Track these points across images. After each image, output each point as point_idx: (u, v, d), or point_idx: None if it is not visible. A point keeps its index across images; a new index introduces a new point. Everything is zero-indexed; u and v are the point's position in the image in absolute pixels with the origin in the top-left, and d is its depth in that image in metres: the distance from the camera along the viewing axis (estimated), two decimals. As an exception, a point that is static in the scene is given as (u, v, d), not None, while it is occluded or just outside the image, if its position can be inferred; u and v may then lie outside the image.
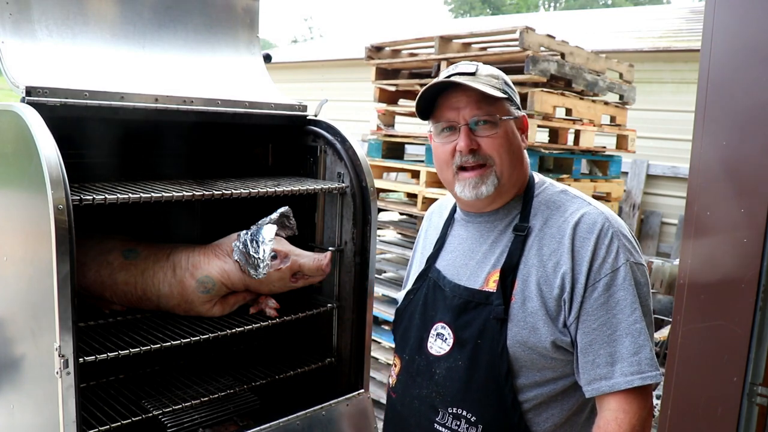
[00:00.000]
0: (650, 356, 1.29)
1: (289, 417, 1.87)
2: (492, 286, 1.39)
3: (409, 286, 1.62)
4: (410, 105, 4.63)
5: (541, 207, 1.43)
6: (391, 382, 1.60)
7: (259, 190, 1.84)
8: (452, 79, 1.39)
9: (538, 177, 1.51)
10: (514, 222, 1.44)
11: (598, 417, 1.34)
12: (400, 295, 1.65)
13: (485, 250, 1.46)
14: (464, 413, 1.38)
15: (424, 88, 1.41)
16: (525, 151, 1.50)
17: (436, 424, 1.42)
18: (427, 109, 1.46)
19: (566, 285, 1.33)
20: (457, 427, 1.39)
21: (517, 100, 1.46)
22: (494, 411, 1.36)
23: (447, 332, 1.43)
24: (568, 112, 4.25)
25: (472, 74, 1.39)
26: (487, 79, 1.40)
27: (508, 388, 1.35)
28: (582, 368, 1.33)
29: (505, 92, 1.41)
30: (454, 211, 1.61)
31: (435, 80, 1.41)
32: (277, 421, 1.84)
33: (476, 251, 1.48)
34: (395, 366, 1.57)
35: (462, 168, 1.41)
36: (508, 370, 1.34)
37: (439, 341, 1.44)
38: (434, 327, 1.46)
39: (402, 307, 1.60)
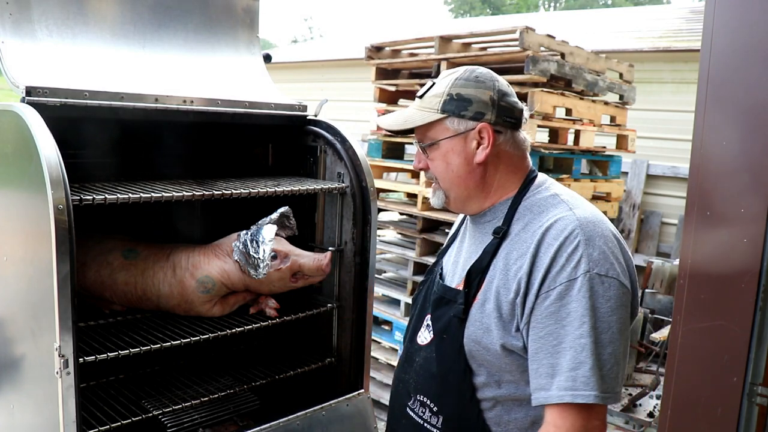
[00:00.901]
0: (588, 374, 1.22)
1: (289, 417, 1.87)
2: (461, 286, 1.44)
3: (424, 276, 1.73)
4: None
5: (526, 211, 1.42)
6: (396, 365, 1.70)
7: (259, 190, 1.84)
8: (378, 121, 1.56)
9: (540, 178, 1.49)
10: (497, 225, 1.45)
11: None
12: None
13: (471, 250, 1.49)
14: (428, 402, 1.46)
15: (383, 122, 1.55)
16: (527, 153, 1.49)
17: (407, 408, 1.52)
18: None
19: (521, 289, 1.32)
20: (422, 414, 1.47)
21: (474, 110, 1.39)
22: (453, 404, 1.41)
23: (431, 324, 1.51)
24: (568, 112, 4.25)
25: (420, 97, 1.46)
26: (429, 101, 1.43)
27: (466, 385, 1.39)
28: (530, 375, 1.32)
29: (444, 111, 1.40)
30: None
31: (379, 121, 1.57)
32: (277, 421, 1.84)
33: (465, 251, 1.52)
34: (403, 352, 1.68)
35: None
36: (465, 367, 1.39)
37: (426, 332, 1.51)
38: (425, 318, 1.53)
39: (414, 297, 1.69)
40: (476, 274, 1.41)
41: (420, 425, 1.47)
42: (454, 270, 1.53)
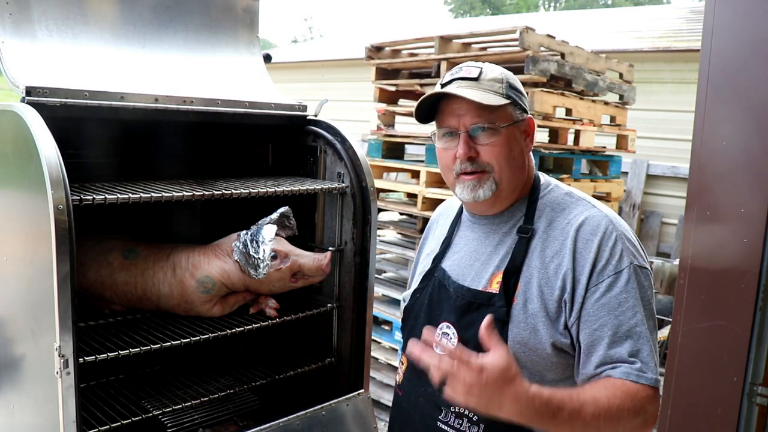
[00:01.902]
0: (648, 359, 1.28)
1: (289, 417, 1.87)
2: (495, 288, 1.40)
3: (415, 285, 1.63)
4: (410, 105, 4.63)
5: (546, 209, 1.43)
6: (398, 380, 1.61)
7: (259, 190, 1.84)
8: (451, 89, 1.39)
9: (543, 178, 1.50)
10: (519, 224, 1.44)
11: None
12: (405, 295, 1.66)
13: (489, 251, 1.46)
14: (466, 412, 1.38)
15: (424, 96, 1.42)
16: (531, 154, 1.50)
17: (439, 422, 1.42)
18: (429, 112, 1.47)
19: (567, 286, 1.33)
20: (459, 426, 1.39)
21: (524, 101, 1.45)
22: None
23: (452, 332, 1.44)
24: (568, 112, 4.25)
25: (475, 79, 1.39)
26: (490, 84, 1.39)
27: None
28: (582, 368, 1.33)
29: (509, 96, 1.39)
30: (461, 212, 1.62)
31: (435, 91, 1.42)
32: (277, 421, 1.84)
33: (481, 252, 1.48)
34: (402, 364, 1.58)
35: (463, 173, 1.42)
36: None
37: (444, 340, 1.44)
38: (440, 326, 1.46)
39: (409, 306, 1.61)
40: (512, 275, 1.39)
41: None
42: (465, 273, 1.48)
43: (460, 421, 1.39)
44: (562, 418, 1.19)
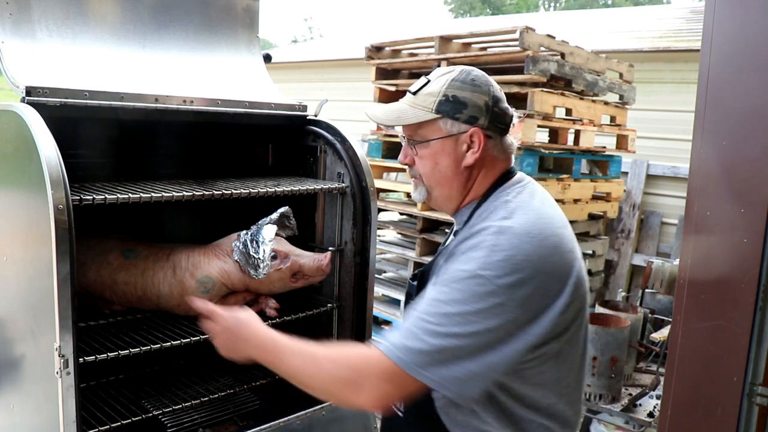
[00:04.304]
0: (408, 342, 1.21)
1: (289, 417, 1.87)
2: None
3: None
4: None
5: (479, 215, 1.42)
6: None
7: (259, 190, 1.84)
8: (369, 113, 1.51)
9: (514, 182, 1.45)
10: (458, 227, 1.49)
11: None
12: None
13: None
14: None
15: (372, 113, 1.53)
16: (494, 158, 1.44)
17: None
18: None
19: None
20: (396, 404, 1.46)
21: (469, 114, 1.39)
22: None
23: None
24: (568, 112, 4.25)
25: (414, 93, 1.45)
26: (423, 99, 1.42)
27: None
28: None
29: (439, 111, 1.39)
30: None
31: (368, 113, 1.53)
32: (277, 421, 1.84)
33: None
34: None
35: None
36: None
37: None
38: None
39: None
40: (420, 274, 1.47)
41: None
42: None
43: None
44: (273, 352, 1.39)
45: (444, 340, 1.20)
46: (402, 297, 4.24)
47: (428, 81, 1.44)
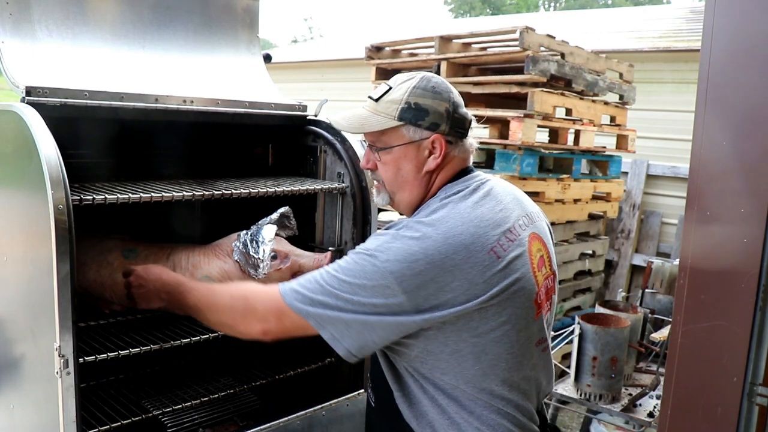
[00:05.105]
0: (300, 286, 1.36)
1: (289, 417, 1.87)
2: None
3: None
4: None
5: (418, 210, 1.50)
6: None
7: (259, 190, 1.84)
8: (332, 119, 1.55)
9: (461, 187, 1.45)
10: None
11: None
12: None
13: None
14: (369, 383, 1.60)
15: (335, 119, 1.57)
16: (453, 162, 1.48)
17: (369, 389, 1.62)
18: None
19: None
20: (371, 393, 1.59)
21: (430, 121, 1.42)
22: (379, 384, 1.52)
23: None
24: (568, 112, 4.25)
25: (375, 100, 1.48)
26: (385, 106, 1.45)
27: (377, 366, 1.51)
28: None
29: (402, 119, 1.42)
30: None
31: (332, 118, 1.57)
32: (277, 421, 1.84)
33: None
34: None
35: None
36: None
37: None
38: None
39: None
40: None
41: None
42: None
43: (370, 391, 1.60)
44: (180, 293, 1.56)
45: (330, 298, 1.32)
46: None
47: (390, 88, 1.48)
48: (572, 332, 2.92)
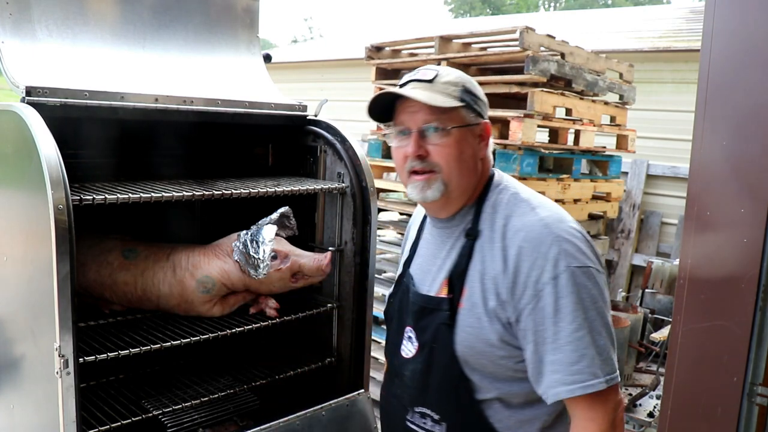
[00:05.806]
0: (589, 363, 1.26)
1: (289, 417, 1.87)
2: (445, 293, 1.43)
3: (391, 289, 1.67)
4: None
5: (489, 211, 1.43)
6: (382, 381, 1.68)
7: (259, 190, 1.84)
8: (402, 91, 1.40)
9: (497, 177, 1.49)
10: (468, 227, 1.45)
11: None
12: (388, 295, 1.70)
13: (444, 256, 1.48)
14: (429, 412, 1.44)
15: (377, 95, 1.44)
16: (489, 157, 1.49)
17: (407, 422, 1.49)
18: (384, 112, 1.47)
19: (506, 292, 1.33)
20: (424, 425, 1.45)
21: (481, 107, 1.44)
22: (454, 410, 1.41)
23: (414, 336, 1.49)
24: (568, 112, 4.25)
25: (429, 81, 1.40)
26: (444, 87, 1.39)
27: (463, 389, 1.39)
28: (531, 375, 1.34)
29: (463, 100, 1.40)
30: (426, 216, 1.63)
31: (388, 90, 1.43)
32: (277, 421, 1.84)
33: (437, 257, 1.51)
34: (385, 365, 1.67)
35: (413, 171, 1.43)
36: (460, 373, 1.39)
37: (409, 344, 1.50)
38: (405, 330, 1.52)
39: (386, 310, 1.66)
40: (457, 279, 1.41)
41: None
42: (425, 278, 1.51)
43: (425, 420, 1.45)
44: None
45: (595, 342, 1.28)
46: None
47: (437, 72, 1.42)
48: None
